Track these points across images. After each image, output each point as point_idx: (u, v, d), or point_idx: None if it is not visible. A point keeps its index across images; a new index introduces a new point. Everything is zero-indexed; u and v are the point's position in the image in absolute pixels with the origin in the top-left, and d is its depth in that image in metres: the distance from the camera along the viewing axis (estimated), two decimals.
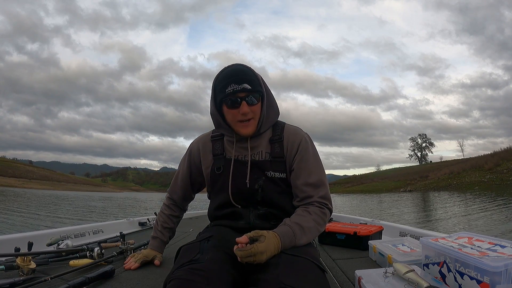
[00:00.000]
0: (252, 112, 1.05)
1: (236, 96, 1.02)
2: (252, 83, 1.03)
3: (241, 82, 1.01)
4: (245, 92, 1.02)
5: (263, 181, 1.08)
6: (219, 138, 1.18)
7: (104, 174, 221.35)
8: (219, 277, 0.77)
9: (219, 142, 1.17)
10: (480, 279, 0.87)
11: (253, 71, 1.07)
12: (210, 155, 1.17)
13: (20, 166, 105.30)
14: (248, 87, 1.01)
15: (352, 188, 55.62)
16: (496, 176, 30.28)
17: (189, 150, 1.26)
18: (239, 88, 1.01)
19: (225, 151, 1.15)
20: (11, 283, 1.10)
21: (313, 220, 1.01)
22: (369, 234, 1.81)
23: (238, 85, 1.01)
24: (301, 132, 1.15)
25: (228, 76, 1.04)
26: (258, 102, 1.06)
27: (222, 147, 1.16)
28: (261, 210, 1.08)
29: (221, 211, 1.12)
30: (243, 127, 1.06)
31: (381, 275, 1.04)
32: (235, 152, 1.12)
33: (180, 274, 0.77)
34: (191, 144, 1.26)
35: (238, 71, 1.05)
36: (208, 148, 1.18)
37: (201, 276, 0.75)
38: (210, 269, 0.78)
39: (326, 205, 1.07)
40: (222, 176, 1.12)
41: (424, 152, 76.74)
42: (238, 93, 1.02)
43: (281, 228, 0.96)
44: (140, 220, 2.76)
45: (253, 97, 1.04)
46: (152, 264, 1.40)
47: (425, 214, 12.75)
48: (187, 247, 0.93)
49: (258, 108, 1.07)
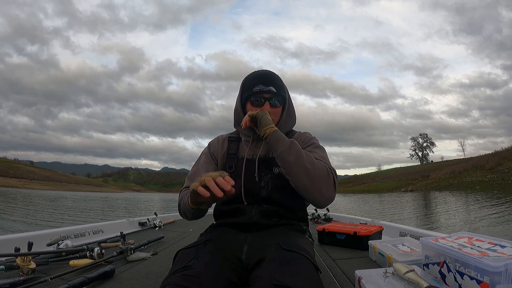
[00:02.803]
0: (273, 113, 1.13)
1: (261, 96, 1.12)
2: (277, 87, 1.13)
3: (268, 85, 1.12)
4: (270, 94, 1.12)
5: (270, 178, 1.11)
6: (235, 140, 1.24)
7: (105, 174, 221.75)
8: (212, 283, 0.77)
9: (235, 143, 1.23)
10: (480, 279, 0.87)
11: (280, 79, 1.17)
12: (225, 154, 1.22)
13: (21, 166, 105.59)
14: (273, 90, 1.12)
15: (353, 188, 55.57)
16: (498, 176, 30.21)
17: (209, 145, 1.29)
18: (266, 89, 1.11)
19: (239, 152, 1.20)
20: (11, 283, 1.10)
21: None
22: (369, 234, 1.81)
23: (265, 87, 1.11)
24: (309, 133, 1.25)
25: (258, 77, 1.14)
26: (280, 106, 1.16)
27: (237, 148, 1.21)
28: (264, 207, 1.09)
29: (227, 207, 1.14)
30: None
31: (381, 275, 1.04)
32: (249, 151, 1.16)
33: (173, 280, 0.76)
34: (211, 141, 1.31)
35: (267, 74, 1.16)
36: (225, 147, 1.23)
37: (194, 283, 0.75)
38: (203, 275, 0.78)
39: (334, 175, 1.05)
40: (233, 174, 1.13)
41: (425, 151, 76.76)
42: (264, 93, 1.12)
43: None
44: (140, 220, 2.76)
45: (277, 100, 1.14)
46: (152, 265, 1.39)
47: (426, 214, 12.74)
48: (183, 252, 0.92)
49: (278, 112, 1.16)
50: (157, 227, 2.69)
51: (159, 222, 2.75)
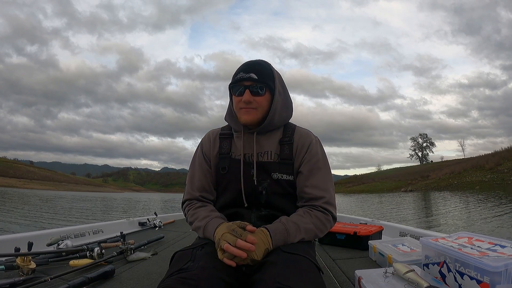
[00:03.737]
0: (256, 102, 1.05)
1: (241, 84, 1.05)
2: (259, 74, 1.05)
3: (249, 72, 1.04)
4: (251, 81, 1.04)
5: (268, 184, 1.07)
6: (227, 137, 1.17)
7: (105, 174, 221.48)
8: (209, 285, 0.76)
9: (227, 140, 1.16)
10: (480, 279, 0.87)
11: (267, 66, 1.10)
12: (217, 154, 1.16)
13: (21, 166, 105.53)
14: (254, 77, 1.03)
15: (353, 188, 55.56)
16: (497, 176, 30.23)
17: (201, 143, 1.22)
18: (246, 76, 1.04)
19: (232, 150, 1.14)
20: (11, 283, 1.10)
21: (312, 223, 0.99)
22: (369, 234, 1.81)
23: (246, 74, 1.04)
24: (311, 135, 1.15)
25: (241, 66, 1.08)
26: (265, 93, 1.06)
27: (229, 146, 1.14)
28: (263, 211, 1.08)
29: (225, 211, 1.11)
30: (243, 114, 1.06)
31: (381, 275, 1.04)
32: (243, 150, 1.11)
33: (170, 283, 0.76)
34: (203, 138, 1.23)
35: (250, 62, 1.09)
36: (216, 145, 1.16)
37: (190, 285, 0.74)
38: (199, 277, 0.77)
39: (330, 212, 1.05)
40: (227, 176, 1.11)
41: (425, 152, 76.69)
42: (244, 80, 1.04)
43: (273, 225, 0.95)
44: (140, 220, 2.76)
45: (259, 87, 1.05)
46: (152, 265, 1.39)
47: (426, 214, 12.74)
48: (180, 254, 0.91)
49: (263, 100, 1.06)
50: (157, 227, 2.69)
51: (159, 222, 2.75)
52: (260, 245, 0.87)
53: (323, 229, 1.03)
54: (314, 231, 1.00)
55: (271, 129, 1.12)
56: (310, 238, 1.01)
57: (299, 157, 1.09)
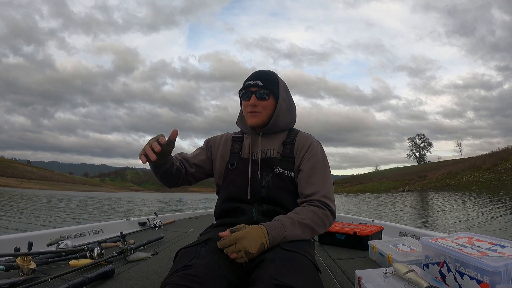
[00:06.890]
0: (261, 106, 1.17)
1: (249, 90, 1.17)
2: (265, 81, 1.17)
3: (256, 79, 1.17)
4: (257, 87, 1.16)
5: (271, 177, 1.13)
6: (239, 139, 1.28)
7: (103, 174, 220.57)
8: (213, 282, 0.77)
9: (238, 142, 1.27)
10: (480, 279, 0.87)
11: (272, 75, 1.22)
12: (228, 152, 1.26)
13: (18, 166, 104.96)
14: (259, 83, 1.16)
15: (350, 188, 55.64)
16: (494, 176, 30.39)
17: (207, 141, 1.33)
18: (253, 83, 1.17)
19: (242, 151, 1.23)
20: (11, 283, 1.10)
21: (308, 218, 1.01)
22: (369, 234, 1.82)
23: (253, 81, 1.17)
24: (313, 138, 1.24)
25: (250, 75, 1.21)
26: (269, 99, 1.18)
27: (240, 146, 1.25)
28: (265, 206, 1.10)
29: (227, 205, 1.15)
30: (250, 117, 1.18)
31: (381, 275, 1.05)
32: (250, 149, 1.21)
33: (174, 279, 0.77)
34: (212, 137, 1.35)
35: (258, 72, 1.22)
36: (228, 145, 1.27)
37: (195, 282, 0.75)
38: (204, 274, 0.78)
39: (328, 206, 1.06)
40: (234, 171, 1.19)
41: (422, 152, 76.89)
42: (251, 87, 1.17)
43: (269, 222, 0.98)
44: (140, 220, 2.76)
45: (264, 93, 1.17)
46: (152, 265, 1.39)
47: (424, 214, 12.78)
48: (184, 251, 0.92)
49: (268, 104, 1.18)
50: (157, 227, 2.69)
51: (159, 222, 2.75)
52: (255, 239, 0.89)
53: (320, 224, 1.04)
54: (311, 226, 1.01)
55: (276, 131, 1.22)
56: (308, 233, 1.01)
57: (299, 156, 1.16)
